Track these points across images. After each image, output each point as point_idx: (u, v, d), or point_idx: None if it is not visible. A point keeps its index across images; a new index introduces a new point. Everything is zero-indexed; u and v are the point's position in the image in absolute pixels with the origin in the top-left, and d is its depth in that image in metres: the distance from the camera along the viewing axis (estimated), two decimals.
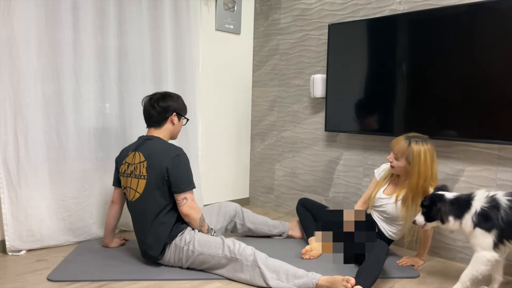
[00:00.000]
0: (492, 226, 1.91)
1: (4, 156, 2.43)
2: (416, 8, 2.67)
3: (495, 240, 1.91)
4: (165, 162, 2.20)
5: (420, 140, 2.26)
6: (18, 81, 2.43)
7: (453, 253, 2.56)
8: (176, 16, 3.12)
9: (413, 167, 2.23)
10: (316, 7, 3.26)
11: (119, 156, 2.42)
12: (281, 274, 2.05)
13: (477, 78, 2.36)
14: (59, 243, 2.65)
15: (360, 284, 1.95)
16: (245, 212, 2.78)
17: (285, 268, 2.07)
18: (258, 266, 2.08)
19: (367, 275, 2.01)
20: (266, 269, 2.06)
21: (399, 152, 2.28)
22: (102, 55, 2.77)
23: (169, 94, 2.41)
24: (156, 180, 2.22)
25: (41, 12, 2.49)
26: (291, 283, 2.02)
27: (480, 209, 1.93)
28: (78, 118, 2.69)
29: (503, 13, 2.25)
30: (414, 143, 2.24)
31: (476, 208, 1.95)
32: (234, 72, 3.66)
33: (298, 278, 2.02)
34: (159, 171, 2.21)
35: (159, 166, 2.21)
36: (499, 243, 1.92)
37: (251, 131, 3.85)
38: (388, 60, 2.73)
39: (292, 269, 2.06)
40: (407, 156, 2.25)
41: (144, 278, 2.17)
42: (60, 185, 2.64)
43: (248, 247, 2.15)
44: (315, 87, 3.14)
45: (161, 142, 2.31)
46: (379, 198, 2.45)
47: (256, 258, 2.09)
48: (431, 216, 2.03)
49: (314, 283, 2.00)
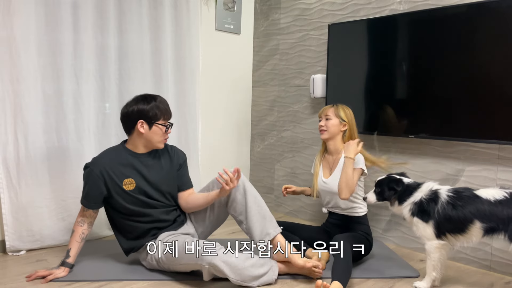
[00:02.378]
0: (428, 218, 2.06)
1: (4, 156, 2.43)
2: (416, 8, 2.67)
3: (435, 231, 2.05)
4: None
5: (339, 102, 2.59)
6: (18, 81, 2.43)
7: (453, 253, 2.56)
8: (176, 16, 3.12)
9: (347, 118, 2.49)
10: (316, 7, 3.26)
11: None
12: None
13: (477, 78, 2.36)
14: (59, 243, 2.65)
15: (336, 279, 1.98)
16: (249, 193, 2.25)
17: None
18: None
19: (340, 268, 2.05)
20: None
21: (329, 112, 2.50)
22: (102, 55, 2.77)
23: (139, 97, 2.19)
24: None
25: (41, 11, 2.49)
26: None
27: (419, 200, 2.09)
28: (78, 118, 2.69)
29: (503, 13, 2.25)
30: (339, 104, 2.55)
31: (416, 198, 2.10)
32: (234, 72, 3.66)
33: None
34: None
35: None
36: (440, 234, 2.04)
37: (251, 131, 3.84)
38: (388, 60, 2.73)
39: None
40: (337, 113, 2.49)
41: (144, 278, 2.17)
42: (60, 185, 2.64)
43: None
44: (315, 87, 3.14)
45: (106, 149, 2.27)
46: (323, 184, 2.50)
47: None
48: (383, 196, 2.19)
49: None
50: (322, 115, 2.53)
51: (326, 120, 2.50)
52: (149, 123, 2.15)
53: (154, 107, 2.15)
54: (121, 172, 2.17)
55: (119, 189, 2.16)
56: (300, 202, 3.45)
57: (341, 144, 2.50)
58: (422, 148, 2.71)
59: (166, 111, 2.21)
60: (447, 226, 2.03)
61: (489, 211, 1.96)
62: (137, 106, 2.14)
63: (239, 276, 2.00)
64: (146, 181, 2.21)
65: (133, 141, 2.21)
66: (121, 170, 2.17)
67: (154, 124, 2.15)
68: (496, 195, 1.99)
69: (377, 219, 2.95)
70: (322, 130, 2.51)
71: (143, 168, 2.21)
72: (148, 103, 2.15)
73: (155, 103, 2.16)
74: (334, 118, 2.48)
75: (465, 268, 2.49)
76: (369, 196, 2.24)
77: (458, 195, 2.04)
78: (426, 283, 2.12)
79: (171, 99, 3.12)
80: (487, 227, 1.97)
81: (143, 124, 2.14)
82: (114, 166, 2.16)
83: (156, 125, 2.16)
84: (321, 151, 2.64)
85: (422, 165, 2.70)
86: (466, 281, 2.29)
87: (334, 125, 2.48)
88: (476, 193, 2.03)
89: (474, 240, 2.03)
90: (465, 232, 2.02)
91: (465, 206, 2.00)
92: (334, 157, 2.52)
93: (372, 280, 2.24)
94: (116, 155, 2.20)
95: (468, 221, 1.99)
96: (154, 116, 2.14)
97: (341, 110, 2.50)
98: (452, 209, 2.01)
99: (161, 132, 2.18)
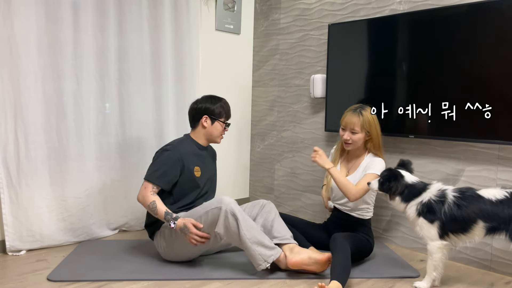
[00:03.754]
0: (434, 218, 2.05)
1: (4, 156, 2.43)
2: (416, 8, 2.67)
3: (439, 231, 2.05)
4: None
5: (363, 107, 2.45)
6: (18, 81, 2.43)
7: (453, 253, 2.56)
8: (176, 16, 3.12)
9: (372, 131, 2.41)
10: (316, 7, 3.26)
11: None
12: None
13: (477, 78, 2.36)
14: (59, 243, 2.65)
15: (335, 279, 1.98)
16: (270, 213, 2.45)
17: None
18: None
19: (339, 268, 2.05)
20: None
21: (356, 125, 2.39)
22: (102, 55, 2.77)
23: (208, 97, 2.49)
24: None
25: (41, 11, 2.49)
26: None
27: (427, 200, 2.06)
28: (78, 118, 2.69)
29: (503, 13, 2.25)
30: (364, 111, 2.42)
31: (424, 198, 2.08)
32: (234, 72, 3.66)
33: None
34: None
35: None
36: (444, 234, 2.05)
37: (251, 131, 3.84)
38: (388, 60, 2.73)
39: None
40: (362, 125, 2.39)
41: (144, 278, 2.17)
42: (60, 185, 2.64)
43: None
44: (315, 87, 3.14)
45: (177, 139, 2.48)
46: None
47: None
48: (383, 188, 2.18)
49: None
50: (347, 128, 2.42)
51: (352, 134, 2.41)
52: (212, 119, 2.44)
53: (220, 106, 2.46)
54: (192, 160, 2.42)
55: (190, 174, 2.40)
56: (300, 202, 3.45)
57: (364, 149, 2.48)
58: (422, 148, 2.71)
59: (228, 111, 2.51)
60: (452, 226, 2.03)
61: (491, 211, 1.97)
62: (205, 104, 2.45)
63: (249, 233, 2.14)
64: (208, 172, 2.51)
65: (197, 134, 2.48)
66: (192, 159, 2.42)
67: (217, 120, 2.45)
68: (497, 194, 1.99)
69: (377, 219, 2.95)
70: (347, 143, 2.44)
71: (206, 160, 2.52)
72: (215, 103, 2.46)
73: (221, 103, 2.47)
74: (360, 133, 2.40)
75: (465, 268, 2.49)
76: (373, 182, 2.22)
77: (463, 195, 2.04)
78: (426, 283, 2.12)
79: (171, 99, 3.12)
80: (490, 226, 1.98)
81: (207, 119, 2.44)
82: (189, 153, 2.41)
83: (218, 122, 2.46)
84: (338, 148, 2.59)
85: (422, 165, 2.70)
86: (466, 281, 2.29)
87: (360, 138, 2.42)
88: (478, 193, 2.04)
89: (476, 239, 2.04)
90: (468, 232, 2.03)
91: (469, 206, 2.00)
92: (355, 159, 2.52)
93: (372, 280, 2.24)
94: (189, 145, 2.45)
95: (472, 221, 2.00)
96: (218, 114, 2.45)
97: (366, 123, 2.39)
98: (457, 209, 2.01)
99: (221, 128, 2.48)
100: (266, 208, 2.47)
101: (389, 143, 2.86)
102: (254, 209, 2.49)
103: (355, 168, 2.48)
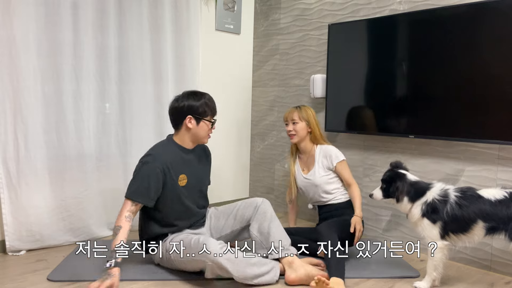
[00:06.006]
0: (437, 218, 2.06)
1: (4, 156, 2.43)
2: (416, 8, 2.67)
3: (441, 232, 2.05)
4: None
5: (301, 104, 2.86)
6: (18, 81, 2.43)
7: (453, 253, 2.56)
8: (176, 16, 3.12)
9: (310, 120, 2.64)
10: (316, 7, 3.26)
11: None
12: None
13: (477, 78, 2.36)
14: (59, 243, 2.65)
15: (333, 276, 2.01)
16: (264, 217, 2.28)
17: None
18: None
19: (333, 263, 2.08)
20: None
21: (295, 116, 2.63)
22: (102, 55, 2.77)
23: (189, 93, 2.25)
24: None
25: (41, 11, 2.49)
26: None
27: (431, 200, 2.07)
28: (78, 118, 2.69)
29: (503, 13, 2.25)
30: (302, 106, 2.70)
31: (428, 198, 2.08)
32: (234, 72, 3.66)
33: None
34: None
35: None
36: (445, 234, 2.06)
37: (251, 131, 3.84)
38: (388, 60, 2.73)
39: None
40: (300, 115, 2.63)
41: (144, 278, 2.17)
42: (60, 185, 2.64)
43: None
44: (315, 87, 3.14)
45: (159, 144, 2.28)
46: (306, 180, 2.65)
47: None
48: (389, 193, 2.16)
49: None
50: (289, 120, 2.66)
51: (293, 124, 2.64)
52: (197, 119, 2.21)
53: (204, 104, 2.22)
54: (177, 169, 2.21)
55: (174, 185, 2.19)
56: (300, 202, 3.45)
57: (311, 143, 2.68)
58: (422, 148, 2.71)
59: (214, 108, 2.28)
60: (453, 226, 2.04)
61: (491, 211, 1.97)
62: (187, 101, 2.21)
63: (242, 273, 2.02)
64: (195, 177, 2.30)
65: (181, 136, 2.26)
66: (177, 167, 2.21)
67: (202, 120, 2.22)
68: (497, 194, 2.00)
69: (377, 219, 2.95)
70: (291, 134, 2.66)
71: (192, 164, 2.30)
72: (198, 99, 2.22)
73: (205, 100, 2.23)
74: (300, 122, 2.63)
75: (465, 268, 2.49)
76: (375, 192, 2.22)
77: (464, 194, 2.05)
78: (426, 283, 2.12)
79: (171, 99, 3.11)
80: (489, 226, 1.98)
81: (191, 120, 2.21)
82: (172, 161, 2.19)
83: (204, 121, 2.23)
84: (291, 154, 2.79)
85: (422, 165, 2.70)
86: (466, 281, 2.29)
87: (302, 128, 2.63)
88: (478, 193, 2.04)
89: (476, 239, 2.04)
90: (468, 232, 2.03)
91: (470, 206, 2.01)
92: (307, 155, 2.70)
93: (372, 280, 2.24)
94: (171, 151, 2.22)
95: (472, 221, 2.00)
96: (203, 113, 2.22)
97: (304, 113, 2.64)
98: (459, 209, 2.02)
99: (207, 128, 2.26)
100: (260, 209, 2.29)
101: (389, 143, 2.86)
102: (248, 210, 2.32)
103: (312, 163, 2.66)
